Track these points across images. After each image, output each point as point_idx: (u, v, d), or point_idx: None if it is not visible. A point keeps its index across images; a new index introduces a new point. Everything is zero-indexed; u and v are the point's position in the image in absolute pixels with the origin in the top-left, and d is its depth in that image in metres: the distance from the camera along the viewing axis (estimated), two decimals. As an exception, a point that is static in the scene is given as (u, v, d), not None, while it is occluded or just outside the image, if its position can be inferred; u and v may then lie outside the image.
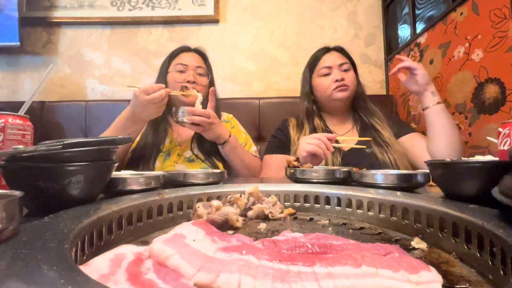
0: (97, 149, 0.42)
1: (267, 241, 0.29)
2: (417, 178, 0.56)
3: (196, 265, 0.24)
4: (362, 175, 0.61)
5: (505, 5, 0.96)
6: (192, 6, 1.83)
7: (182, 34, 1.86)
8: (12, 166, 0.38)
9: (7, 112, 0.50)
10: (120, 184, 0.49)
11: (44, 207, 0.36)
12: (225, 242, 0.30)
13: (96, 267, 0.24)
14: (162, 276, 0.24)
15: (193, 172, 0.63)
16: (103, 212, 0.34)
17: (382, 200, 0.44)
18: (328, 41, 1.83)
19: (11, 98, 1.80)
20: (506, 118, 0.95)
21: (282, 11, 1.85)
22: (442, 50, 1.27)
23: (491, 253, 0.28)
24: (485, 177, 0.41)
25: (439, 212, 0.36)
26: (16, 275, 0.17)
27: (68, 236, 0.25)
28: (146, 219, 0.41)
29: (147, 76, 1.84)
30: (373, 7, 1.83)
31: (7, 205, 0.25)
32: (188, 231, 0.30)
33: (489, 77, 1.02)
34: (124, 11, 1.84)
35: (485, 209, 0.34)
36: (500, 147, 0.58)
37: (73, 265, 0.19)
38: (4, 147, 0.48)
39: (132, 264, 0.25)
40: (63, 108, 1.62)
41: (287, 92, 1.81)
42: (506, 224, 0.28)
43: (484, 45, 1.04)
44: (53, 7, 1.84)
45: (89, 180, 0.40)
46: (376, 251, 0.28)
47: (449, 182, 0.46)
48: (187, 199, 0.49)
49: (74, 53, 1.86)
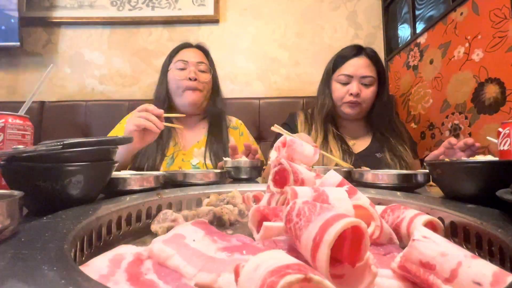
0: (97, 149, 0.42)
1: (268, 241, 0.29)
2: (417, 178, 0.57)
3: (197, 265, 0.24)
4: (362, 175, 0.61)
5: (505, 5, 0.96)
6: (192, 6, 1.83)
7: (182, 34, 1.86)
8: (12, 166, 0.38)
9: (7, 112, 0.50)
10: (120, 184, 0.49)
11: (44, 207, 0.36)
12: (225, 242, 0.30)
13: (96, 267, 0.24)
14: (162, 277, 0.24)
15: (193, 172, 0.63)
16: (102, 212, 0.34)
17: (382, 200, 0.45)
18: (328, 41, 1.83)
19: (11, 98, 1.80)
20: (506, 118, 0.95)
21: (282, 11, 1.85)
22: (442, 50, 1.26)
23: (490, 252, 0.28)
24: (485, 177, 0.41)
25: (438, 211, 0.36)
26: (16, 275, 0.17)
27: (67, 236, 0.25)
28: (145, 219, 0.41)
29: (147, 76, 1.84)
30: (373, 7, 1.83)
31: (7, 205, 0.25)
32: (188, 231, 0.30)
33: (489, 77, 1.02)
34: (124, 11, 1.83)
35: (484, 209, 0.34)
36: (500, 147, 0.58)
37: (73, 265, 0.19)
38: (4, 147, 0.48)
39: (131, 264, 0.25)
40: (63, 108, 1.62)
41: (287, 92, 1.81)
42: (505, 224, 0.28)
43: (484, 45, 1.04)
44: (53, 7, 1.83)
45: (89, 180, 0.40)
46: (376, 251, 0.28)
47: (449, 182, 0.46)
48: (186, 199, 0.49)
49: (74, 53, 1.86)
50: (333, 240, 0.19)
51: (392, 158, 1.06)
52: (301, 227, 0.23)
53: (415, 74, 1.47)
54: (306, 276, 0.15)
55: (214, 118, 1.18)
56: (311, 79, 1.83)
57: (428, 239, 0.22)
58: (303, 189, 0.33)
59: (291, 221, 0.24)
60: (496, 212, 0.32)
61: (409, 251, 0.22)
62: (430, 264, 0.21)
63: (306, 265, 0.17)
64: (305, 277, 0.15)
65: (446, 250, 0.21)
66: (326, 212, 0.22)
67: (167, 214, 0.40)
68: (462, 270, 0.20)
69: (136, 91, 1.84)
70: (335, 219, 0.21)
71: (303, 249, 0.22)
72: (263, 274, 0.16)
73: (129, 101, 1.63)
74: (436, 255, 0.21)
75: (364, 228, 0.21)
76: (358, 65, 1.10)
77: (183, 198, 0.48)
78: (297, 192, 0.32)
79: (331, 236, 0.19)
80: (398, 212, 0.33)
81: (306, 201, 0.25)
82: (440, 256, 0.21)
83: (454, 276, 0.20)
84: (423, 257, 0.21)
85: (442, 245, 0.22)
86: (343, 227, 0.20)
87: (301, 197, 0.31)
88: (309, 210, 0.23)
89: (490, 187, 0.35)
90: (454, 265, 0.20)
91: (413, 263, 0.22)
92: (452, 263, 0.20)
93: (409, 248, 0.23)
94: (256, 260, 0.18)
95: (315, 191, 0.32)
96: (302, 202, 0.25)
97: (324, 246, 0.19)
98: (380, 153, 1.08)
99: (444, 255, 0.21)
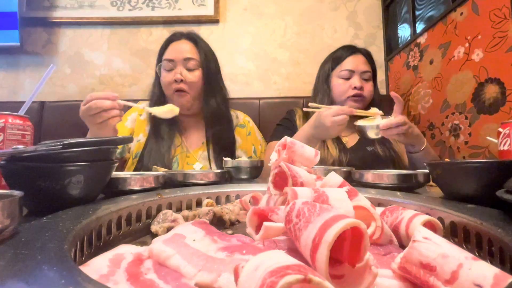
0: (97, 149, 0.42)
1: (268, 241, 0.29)
2: (417, 178, 0.56)
3: (197, 265, 0.24)
4: (362, 175, 0.61)
5: (505, 5, 0.96)
6: (192, 6, 1.83)
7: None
8: (12, 166, 0.38)
9: (7, 112, 0.50)
10: (120, 184, 0.49)
11: (44, 207, 0.36)
12: (225, 241, 0.30)
13: (95, 267, 0.24)
14: (162, 276, 0.24)
15: (193, 172, 0.63)
16: (102, 212, 0.34)
17: (382, 200, 0.45)
18: (328, 41, 1.83)
19: (11, 98, 1.80)
20: (506, 118, 0.95)
21: (282, 11, 1.85)
22: (442, 50, 1.26)
23: (490, 252, 0.28)
24: (485, 177, 0.41)
25: (437, 211, 0.36)
26: (16, 275, 0.17)
27: (67, 236, 0.25)
28: (145, 219, 0.41)
29: (147, 76, 1.84)
30: (373, 7, 1.83)
31: (7, 205, 0.25)
32: (188, 231, 0.30)
33: (489, 77, 1.02)
34: (124, 11, 1.83)
35: (484, 209, 0.34)
36: (500, 147, 0.58)
37: (73, 265, 0.19)
38: (4, 147, 0.48)
39: (131, 264, 0.25)
40: (63, 108, 1.62)
41: (287, 92, 1.81)
42: (505, 224, 0.28)
43: (484, 45, 1.04)
44: (53, 7, 1.83)
45: (89, 180, 0.40)
46: (376, 251, 0.28)
47: (449, 182, 0.46)
48: (186, 199, 0.49)
49: (74, 53, 1.86)
50: (332, 241, 0.19)
51: (383, 149, 1.08)
52: (301, 227, 0.23)
53: (415, 74, 1.47)
54: (306, 277, 0.15)
55: (210, 118, 1.08)
56: (311, 79, 1.82)
57: (429, 240, 0.22)
58: (303, 189, 0.33)
59: (290, 221, 0.24)
60: (496, 212, 0.32)
61: (409, 252, 0.22)
62: (430, 265, 0.21)
63: (306, 266, 0.17)
64: (305, 278, 0.15)
65: (447, 252, 0.21)
66: (326, 213, 0.22)
67: (167, 215, 0.40)
68: (463, 272, 0.20)
69: (136, 91, 1.84)
70: (335, 220, 0.21)
71: (303, 250, 0.22)
72: (263, 274, 0.16)
73: (128, 101, 1.63)
74: (437, 256, 0.21)
75: (363, 229, 0.21)
76: (358, 61, 1.14)
77: (183, 198, 0.48)
78: (297, 192, 0.32)
79: (330, 237, 0.19)
80: (397, 213, 0.33)
81: (306, 201, 0.25)
82: (441, 258, 0.21)
83: (454, 278, 0.20)
84: (424, 258, 0.21)
85: (443, 247, 0.21)
86: (343, 228, 0.20)
87: (301, 197, 0.31)
88: (308, 210, 0.23)
89: (490, 187, 0.35)
90: (455, 267, 0.20)
91: (414, 264, 0.22)
92: (453, 264, 0.20)
93: (409, 249, 0.22)
94: (256, 260, 0.18)
95: (315, 191, 0.32)
96: (301, 203, 0.25)
97: (323, 247, 0.19)
98: (370, 146, 1.09)
99: (445, 256, 0.21)
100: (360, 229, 0.21)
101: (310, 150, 0.44)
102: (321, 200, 0.31)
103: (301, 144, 0.44)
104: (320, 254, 0.19)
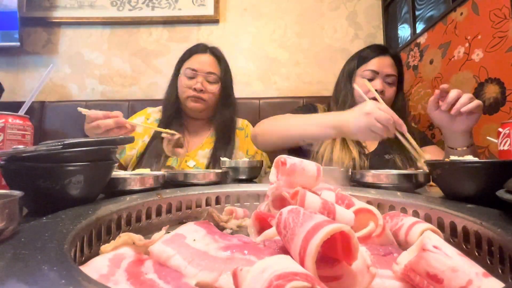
0: (97, 149, 0.42)
1: (268, 240, 0.29)
2: (417, 178, 0.56)
3: (198, 264, 0.24)
4: (362, 175, 0.61)
5: (505, 5, 0.96)
6: (192, 6, 1.83)
7: (182, 34, 1.86)
8: (12, 166, 0.38)
9: (7, 112, 0.50)
10: (120, 184, 0.49)
11: (44, 207, 0.36)
12: (226, 241, 0.30)
13: (95, 267, 0.24)
14: (163, 276, 0.24)
15: (193, 172, 0.63)
16: (101, 212, 0.34)
17: (381, 200, 0.45)
18: (328, 41, 1.83)
19: (11, 98, 1.80)
20: (506, 118, 0.95)
21: (282, 11, 1.85)
22: (442, 50, 1.26)
23: (489, 252, 0.28)
24: (485, 177, 0.41)
25: (437, 211, 0.36)
26: (16, 275, 0.17)
27: (67, 236, 0.25)
28: (145, 219, 0.41)
29: (147, 76, 1.84)
30: (373, 7, 1.83)
31: (7, 205, 0.25)
32: (188, 231, 0.30)
33: (489, 77, 1.02)
34: (124, 11, 1.83)
35: (484, 209, 0.34)
36: (500, 147, 0.58)
37: (73, 265, 0.19)
38: (4, 147, 0.48)
39: (132, 264, 0.25)
40: (63, 108, 1.62)
41: (287, 92, 1.81)
42: (505, 223, 0.28)
43: (484, 45, 1.04)
44: (53, 7, 1.83)
45: (89, 180, 0.40)
46: (376, 252, 0.28)
47: (449, 182, 0.46)
48: (186, 199, 0.49)
49: (74, 53, 1.86)
50: (315, 253, 0.19)
51: (401, 159, 1.03)
52: (289, 240, 0.23)
53: (415, 74, 1.47)
54: (312, 286, 0.15)
55: (221, 126, 1.15)
56: (311, 79, 1.83)
57: (439, 250, 0.21)
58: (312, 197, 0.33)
59: (281, 233, 0.25)
60: (496, 212, 0.32)
61: (416, 261, 0.21)
62: (437, 277, 0.20)
63: (313, 277, 0.17)
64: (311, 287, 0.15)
65: (457, 266, 0.20)
66: (308, 222, 0.22)
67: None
68: (472, 289, 0.19)
69: (136, 91, 1.84)
70: (316, 229, 0.20)
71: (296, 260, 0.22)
72: (270, 277, 0.16)
73: (129, 101, 1.64)
74: (446, 269, 0.20)
75: (347, 231, 0.20)
76: (384, 63, 1.09)
77: (183, 198, 0.48)
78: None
79: (312, 250, 0.19)
80: (397, 219, 0.33)
81: (291, 209, 0.25)
82: (450, 271, 0.20)
83: (461, 294, 0.19)
84: (431, 269, 0.20)
85: (454, 259, 0.20)
86: (322, 239, 0.20)
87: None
88: (293, 221, 0.23)
89: (490, 187, 0.35)
90: (464, 283, 0.19)
91: (418, 273, 0.21)
92: (462, 280, 0.19)
93: (416, 258, 0.21)
94: (263, 263, 0.18)
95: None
96: (287, 212, 0.25)
97: (308, 260, 0.19)
98: (389, 154, 1.05)
99: (455, 270, 0.20)
100: (344, 232, 0.20)
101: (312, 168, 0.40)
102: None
103: (299, 160, 0.40)
104: (307, 267, 0.19)
